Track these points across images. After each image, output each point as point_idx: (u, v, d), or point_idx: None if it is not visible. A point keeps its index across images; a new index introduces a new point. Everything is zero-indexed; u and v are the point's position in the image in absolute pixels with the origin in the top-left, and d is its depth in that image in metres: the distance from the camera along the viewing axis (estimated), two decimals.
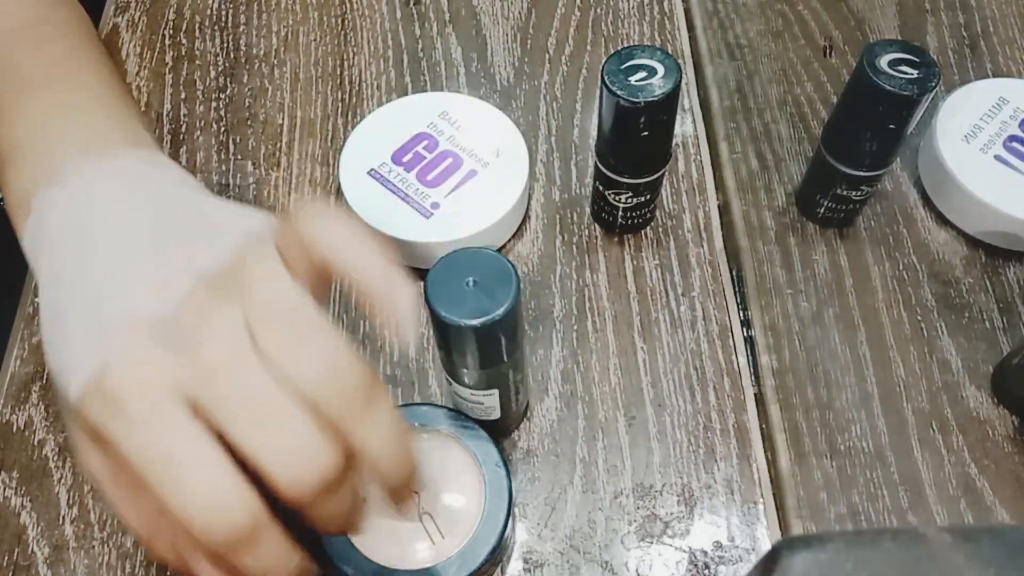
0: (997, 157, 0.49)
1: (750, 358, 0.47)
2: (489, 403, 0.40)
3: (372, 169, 0.49)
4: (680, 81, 0.40)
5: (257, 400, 0.27)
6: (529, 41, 0.58)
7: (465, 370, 0.37)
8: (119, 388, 0.27)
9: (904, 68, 0.41)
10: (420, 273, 0.49)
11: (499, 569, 0.41)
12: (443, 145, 0.50)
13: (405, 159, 0.49)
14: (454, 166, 0.49)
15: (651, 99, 0.40)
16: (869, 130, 0.44)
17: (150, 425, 0.26)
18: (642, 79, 0.40)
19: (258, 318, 0.28)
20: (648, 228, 0.51)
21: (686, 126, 0.55)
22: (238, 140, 0.54)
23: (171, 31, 0.59)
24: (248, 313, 0.28)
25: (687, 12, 0.60)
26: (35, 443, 0.44)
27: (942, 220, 0.51)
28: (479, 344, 0.35)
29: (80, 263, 0.30)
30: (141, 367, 0.27)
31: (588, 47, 0.58)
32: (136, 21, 0.59)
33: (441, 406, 0.41)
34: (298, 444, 0.27)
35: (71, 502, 0.43)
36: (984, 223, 0.49)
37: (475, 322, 0.33)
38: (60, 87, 0.39)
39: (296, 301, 0.28)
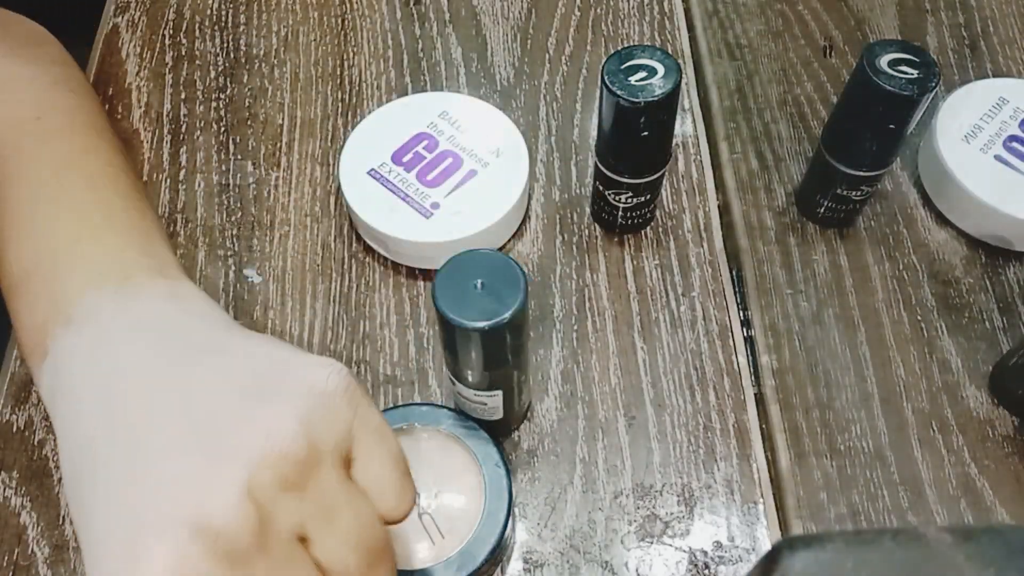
0: (997, 157, 0.49)
1: (750, 358, 0.47)
2: (492, 403, 0.40)
3: (372, 169, 0.49)
4: (680, 81, 0.40)
5: None
6: (529, 41, 0.58)
7: (470, 371, 0.37)
8: None
9: (904, 68, 0.41)
10: (420, 273, 0.49)
11: (499, 569, 0.41)
12: (443, 145, 0.50)
13: (405, 159, 0.49)
14: (454, 166, 0.49)
15: (651, 99, 0.40)
16: (869, 130, 0.44)
17: None
18: (642, 79, 0.40)
19: (316, 521, 0.27)
20: (648, 228, 0.51)
21: (686, 126, 0.55)
22: (238, 140, 0.54)
23: (171, 31, 0.59)
24: (307, 511, 0.27)
25: (687, 12, 0.60)
26: (35, 443, 0.44)
27: (942, 220, 0.51)
28: (485, 346, 0.35)
29: (109, 440, 0.28)
30: None
31: (588, 47, 0.58)
32: (136, 21, 0.59)
33: (441, 406, 0.41)
34: None
35: None
36: (984, 223, 0.49)
37: (482, 325, 0.33)
38: (71, 197, 0.36)
39: (357, 507, 0.28)
